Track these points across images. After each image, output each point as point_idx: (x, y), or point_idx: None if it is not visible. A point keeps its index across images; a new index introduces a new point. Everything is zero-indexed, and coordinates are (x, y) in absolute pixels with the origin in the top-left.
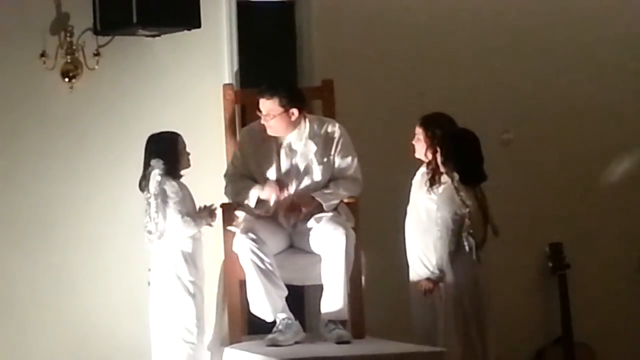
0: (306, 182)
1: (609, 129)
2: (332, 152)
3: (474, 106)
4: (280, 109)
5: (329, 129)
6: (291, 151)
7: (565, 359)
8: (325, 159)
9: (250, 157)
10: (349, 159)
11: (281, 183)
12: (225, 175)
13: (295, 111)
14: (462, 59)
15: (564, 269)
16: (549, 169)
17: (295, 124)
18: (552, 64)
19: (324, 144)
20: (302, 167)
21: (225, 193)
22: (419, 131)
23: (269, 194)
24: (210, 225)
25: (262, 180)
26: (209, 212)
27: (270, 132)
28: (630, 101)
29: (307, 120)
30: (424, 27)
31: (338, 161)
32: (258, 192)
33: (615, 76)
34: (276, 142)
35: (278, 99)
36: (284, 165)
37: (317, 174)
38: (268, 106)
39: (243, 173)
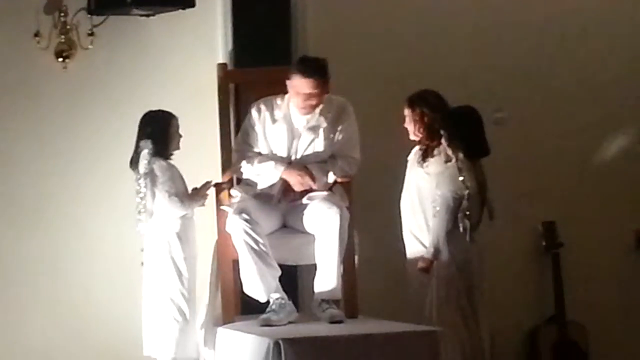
0: (308, 156)
1: (603, 106)
2: (339, 129)
3: (469, 84)
4: (324, 89)
5: (340, 107)
6: (304, 128)
7: (559, 337)
8: (331, 135)
9: (260, 133)
10: (351, 137)
11: (302, 175)
12: (236, 150)
13: (327, 89)
14: (457, 37)
15: (557, 247)
16: (542, 147)
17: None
18: (546, 41)
19: (333, 120)
20: (308, 145)
21: (234, 166)
22: (407, 112)
23: (295, 180)
24: (203, 205)
25: (273, 156)
26: (201, 191)
27: (303, 111)
28: (625, 78)
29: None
30: (420, 5)
31: (340, 138)
32: (280, 172)
33: (610, 53)
34: (288, 120)
35: (328, 79)
36: (293, 142)
37: (321, 153)
38: (321, 87)
39: (251, 148)
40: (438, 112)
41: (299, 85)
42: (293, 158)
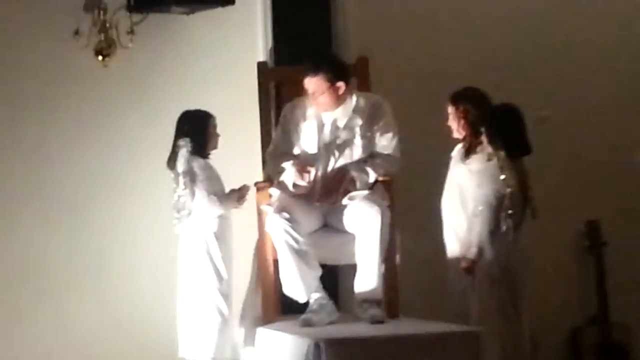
0: (346, 156)
1: None
2: (375, 128)
3: (512, 83)
4: (327, 84)
5: (375, 104)
6: (336, 127)
7: (602, 338)
8: (368, 133)
9: (293, 133)
10: (390, 135)
11: (303, 169)
12: (267, 153)
13: (341, 85)
14: (500, 35)
15: (600, 246)
16: (584, 146)
17: (342, 99)
18: (592, 44)
19: (369, 118)
20: (344, 144)
21: (265, 170)
22: (450, 110)
23: (290, 179)
24: (238, 207)
25: (304, 157)
26: (239, 194)
27: (319, 109)
28: None
29: (353, 95)
30: (462, 3)
31: (378, 137)
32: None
33: None
34: (319, 119)
35: (323, 74)
36: (326, 140)
37: (358, 149)
38: (314, 84)
39: (284, 151)
40: (481, 110)
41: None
42: (331, 158)
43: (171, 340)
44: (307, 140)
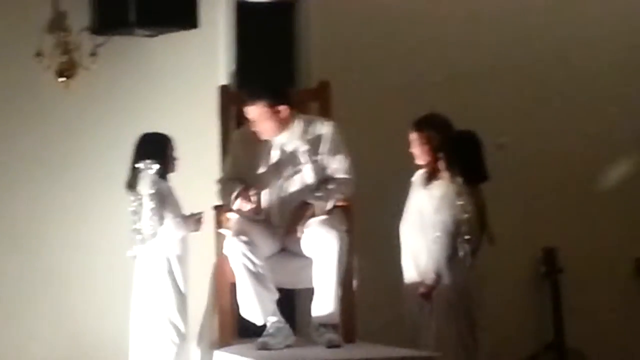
0: (297, 183)
1: (604, 133)
2: (323, 151)
3: (470, 110)
4: (268, 110)
5: (320, 128)
6: (282, 152)
7: None
8: (315, 158)
9: (242, 160)
10: (341, 157)
11: (245, 194)
12: (218, 181)
13: (283, 109)
14: (462, 61)
15: (557, 273)
16: (543, 173)
17: (285, 123)
18: (547, 66)
19: (315, 142)
20: (293, 169)
21: (219, 197)
22: (414, 136)
23: (237, 205)
24: (197, 230)
25: (254, 182)
26: (196, 219)
27: (263, 136)
28: (627, 103)
29: (298, 119)
30: (423, 29)
31: (328, 160)
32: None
33: (610, 79)
34: (267, 144)
35: (263, 100)
36: (275, 166)
37: (309, 175)
38: (255, 111)
39: (234, 176)
40: (445, 136)
41: None
42: (282, 184)
43: None
44: (255, 167)
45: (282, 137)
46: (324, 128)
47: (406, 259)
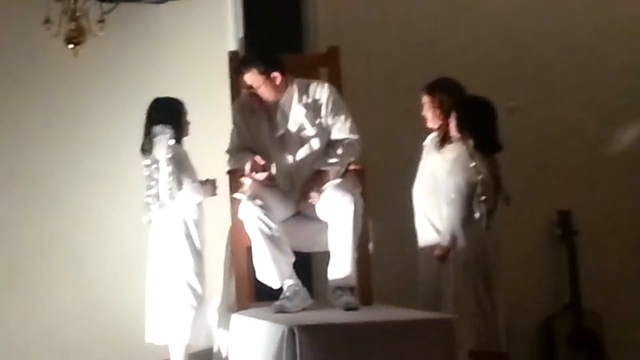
0: (304, 149)
1: (618, 96)
2: (323, 114)
3: (481, 73)
4: (261, 77)
5: (317, 90)
6: (283, 118)
7: (574, 325)
8: (317, 121)
9: (244, 130)
10: (342, 117)
11: (256, 165)
12: (227, 151)
13: (276, 75)
14: (469, 26)
15: (572, 235)
16: (556, 136)
17: (281, 89)
18: (559, 30)
19: (314, 106)
20: (296, 134)
21: (229, 166)
22: (425, 99)
23: (248, 172)
24: (215, 194)
25: (260, 150)
26: (212, 184)
27: (262, 102)
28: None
29: (294, 84)
30: None
31: (331, 122)
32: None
33: (624, 44)
34: (267, 111)
35: (255, 68)
36: (278, 134)
37: (314, 140)
38: (250, 78)
39: (241, 146)
40: (456, 100)
41: None
42: (287, 149)
43: (137, 332)
44: (259, 135)
45: (282, 103)
46: (322, 91)
47: (420, 222)
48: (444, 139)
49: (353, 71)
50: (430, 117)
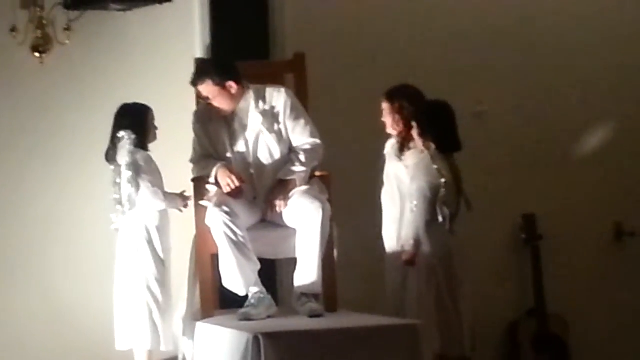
0: (265, 157)
1: (584, 101)
2: (282, 120)
3: (447, 79)
4: (217, 89)
5: (274, 96)
6: (242, 126)
7: (539, 330)
8: (276, 128)
9: (205, 140)
10: (302, 122)
11: (233, 192)
12: (190, 160)
13: (231, 84)
14: (435, 31)
15: (537, 240)
16: (522, 141)
17: (238, 97)
18: (527, 34)
19: (271, 112)
20: (255, 142)
21: (194, 174)
22: (385, 106)
23: (223, 182)
24: (181, 210)
25: (221, 159)
26: (181, 197)
27: (220, 113)
28: (606, 73)
29: (250, 91)
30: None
31: (290, 127)
32: (215, 173)
33: (590, 49)
34: (225, 120)
35: (209, 80)
36: (238, 142)
37: (274, 147)
38: (205, 90)
39: (203, 154)
40: (416, 106)
41: None
42: (250, 157)
43: (107, 340)
44: (219, 144)
45: (239, 111)
46: (279, 96)
47: (387, 229)
48: (402, 146)
49: (319, 77)
50: (390, 123)
